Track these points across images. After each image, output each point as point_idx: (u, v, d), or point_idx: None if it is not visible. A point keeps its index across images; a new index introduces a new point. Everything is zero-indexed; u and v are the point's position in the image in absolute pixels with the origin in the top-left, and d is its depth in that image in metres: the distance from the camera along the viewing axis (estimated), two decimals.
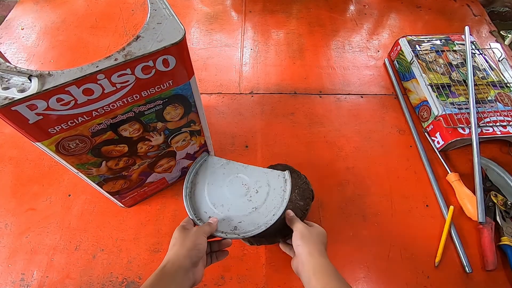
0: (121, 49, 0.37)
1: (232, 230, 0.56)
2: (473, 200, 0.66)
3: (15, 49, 0.93)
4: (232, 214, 0.58)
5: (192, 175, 0.62)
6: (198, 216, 0.57)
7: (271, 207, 0.57)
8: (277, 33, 1.03)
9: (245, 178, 0.62)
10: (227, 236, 0.55)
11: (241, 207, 0.58)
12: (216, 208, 0.59)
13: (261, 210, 0.58)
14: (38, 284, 0.58)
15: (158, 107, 0.46)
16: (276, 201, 0.58)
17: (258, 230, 0.55)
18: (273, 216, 0.56)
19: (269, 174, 0.61)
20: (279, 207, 0.57)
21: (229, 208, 0.59)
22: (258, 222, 0.56)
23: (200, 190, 0.61)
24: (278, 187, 0.59)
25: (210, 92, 0.86)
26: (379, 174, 0.73)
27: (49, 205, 0.67)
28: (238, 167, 0.63)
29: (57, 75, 0.35)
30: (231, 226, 0.57)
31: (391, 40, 1.01)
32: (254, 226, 0.56)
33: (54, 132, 0.39)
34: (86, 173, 0.50)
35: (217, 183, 0.61)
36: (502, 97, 0.79)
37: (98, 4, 1.06)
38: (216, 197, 0.60)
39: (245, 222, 0.57)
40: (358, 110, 0.84)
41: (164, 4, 0.42)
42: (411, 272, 0.61)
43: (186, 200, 0.59)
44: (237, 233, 0.55)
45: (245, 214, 0.58)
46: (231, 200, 0.59)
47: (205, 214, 0.58)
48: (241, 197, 0.59)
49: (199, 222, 0.57)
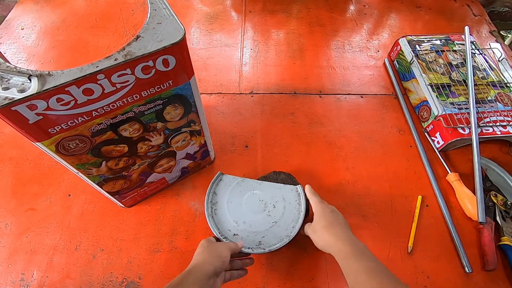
0: (121, 49, 0.37)
1: (257, 245, 0.58)
2: (473, 200, 0.66)
3: (15, 49, 0.93)
4: (254, 230, 0.60)
5: (211, 195, 0.64)
6: (223, 234, 0.59)
7: (289, 220, 0.61)
8: (277, 33, 1.03)
9: (261, 194, 0.64)
10: (254, 252, 0.57)
11: (261, 222, 0.61)
12: (239, 225, 0.61)
13: (280, 223, 0.60)
14: (38, 284, 0.58)
15: (158, 107, 0.46)
16: (293, 214, 0.61)
17: (282, 243, 0.58)
18: (292, 228, 0.59)
19: (283, 189, 0.64)
20: (298, 220, 0.60)
21: (251, 224, 0.61)
22: (280, 235, 0.59)
23: (221, 209, 0.63)
24: (293, 201, 0.63)
25: (210, 92, 0.86)
26: (379, 174, 0.73)
27: (49, 205, 0.67)
28: (253, 183, 0.66)
29: (57, 75, 0.35)
30: (256, 242, 0.59)
31: (391, 40, 1.01)
32: (277, 240, 0.59)
33: (54, 132, 0.39)
34: (86, 173, 0.50)
35: (236, 201, 0.64)
36: (502, 97, 0.79)
37: (98, 4, 1.06)
38: (237, 215, 0.62)
39: (268, 237, 0.59)
40: (358, 110, 0.84)
41: (164, 4, 0.42)
42: (411, 272, 0.61)
43: (210, 220, 0.61)
44: (263, 247, 0.58)
45: (266, 229, 0.60)
46: (251, 216, 0.62)
47: (229, 232, 0.60)
48: (260, 213, 0.62)
49: (224, 239, 0.59)
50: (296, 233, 0.59)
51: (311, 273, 0.61)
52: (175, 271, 0.60)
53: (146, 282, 0.59)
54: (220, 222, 0.61)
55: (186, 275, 0.45)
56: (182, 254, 0.62)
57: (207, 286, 0.45)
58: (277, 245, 0.57)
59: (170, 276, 0.59)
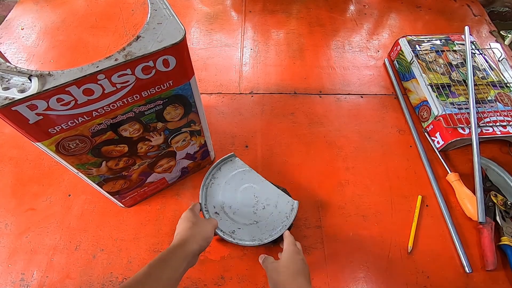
0: (122, 49, 0.37)
1: (229, 232, 0.59)
2: (473, 200, 0.66)
3: (15, 49, 0.93)
4: (235, 219, 0.61)
5: (215, 169, 0.66)
6: (206, 207, 0.61)
7: (270, 227, 0.60)
8: (277, 33, 1.03)
9: (258, 191, 0.65)
10: (223, 236, 0.58)
11: (245, 215, 0.61)
12: (224, 208, 0.62)
13: (260, 225, 0.61)
14: (38, 284, 0.58)
15: (158, 107, 0.46)
16: (276, 224, 0.61)
17: (252, 243, 0.58)
18: (269, 235, 0.59)
19: (280, 197, 0.64)
20: (278, 230, 0.60)
21: (235, 212, 0.62)
22: (254, 236, 0.59)
23: (217, 185, 0.64)
24: (283, 212, 0.62)
25: (210, 92, 0.86)
26: (379, 174, 0.73)
27: (49, 205, 0.67)
28: (256, 178, 0.66)
29: (57, 75, 0.35)
30: (230, 229, 0.60)
31: (391, 40, 1.01)
32: (249, 238, 0.59)
33: (54, 132, 0.39)
34: (86, 173, 0.50)
35: (234, 185, 0.65)
36: (502, 97, 0.79)
37: (98, 4, 1.06)
38: (228, 198, 0.63)
39: (243, 230, 0.60)
40: (358, 110, 0.84)
41: (164, 4, 0.42)
42: (411, 272, 0.61)
43: (203, 188, 0.63)
44: (233, 237, 0.58)
45: (245, 223, 0.61)
46: (239, 205, 0.62)
47: (212, 208, 0.61)
48: (248, 207, 0.62)
49: (206, 212, 0.60)
50: (268, 242, 0.58)
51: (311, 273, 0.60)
52: None
53: None
54: (210, 196, 0.63)
55: (175, 250, 0.46)
56: None
57: (191, 263, 0.47)
58: (247, 243, 0.58)
59: None
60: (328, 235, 0.65)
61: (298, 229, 0.65)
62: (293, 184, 0.70)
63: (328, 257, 0.63)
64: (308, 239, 0.64)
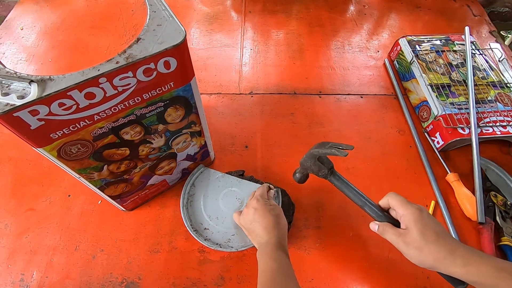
0: (122, 52, 0.37)
1: (226, 242, 0.59)
2: (472, 200, 0.66)
3: (15, 49, 0.93)
4: (226, 227, 0.61)
5: (189, 187, 0.65)
6: (194, 227, 0.60)
7: None
8: (277, 33, 1.02)
9: (239, 192, 0.65)
10: (221, 249, 0.58)
11: (234, 220, 0.61)
12: (212, 220, 0.62)
13: None
14: (37, 284, 0.58)
15: (160, 109, 0.46)
16: None
17: (251, 244, 0.58)
18: None
19: None
20: None
21: (223, 220, 0.62)
22: None
23: (196, 201, 0.64)
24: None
25: (210, 92, 0.86)
26: (379, 174, 0.74)
27: (49, 206, 0.67)
28: (233, 180, 0.66)
29: (59, 80, 0.35)
30: (225, 239, 0.60)
31: (391, 40, 1.01)
32: (246, 241, 0.59)
33: (56, 137, 0.39)
34: (88, 177, 0.49)
35: (213, 196, 0.64)
36: (502, 97, 0.79)
37: (98, 4, 1.06)
38: (212, 210, 0.63)
39: (237, 236, 0.60)
40: (358, 110, 0.85)
41: (163, 6, 0.42)
42: (411, 272, 0.61)
43: (183, 211, 0.62)
44: (231, 245, 0.59)
45: (237, 228, 0.61)
46: (225, 213, 0.62)
47: (200, 225, 0.61)
48: (234, 211, 0.62)
49: (195, 233, 0.60)
50: None
51: (311, 273, 0.61)
52: (174, 272, 0.60)
53: (145, 283, 0.59)
54: (194, 214, 0.62)
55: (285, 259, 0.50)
56: (181, 255, 0.62)
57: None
58: (246, 246, 0.58)
59: (170, 277, 0.60)
60: (328, 235, 0.65)
61: (298, 229, 0.65)
62: (293, 184, 0.70)
63: (328, 257, 0.63)
64: (308, 239, 0.64)
